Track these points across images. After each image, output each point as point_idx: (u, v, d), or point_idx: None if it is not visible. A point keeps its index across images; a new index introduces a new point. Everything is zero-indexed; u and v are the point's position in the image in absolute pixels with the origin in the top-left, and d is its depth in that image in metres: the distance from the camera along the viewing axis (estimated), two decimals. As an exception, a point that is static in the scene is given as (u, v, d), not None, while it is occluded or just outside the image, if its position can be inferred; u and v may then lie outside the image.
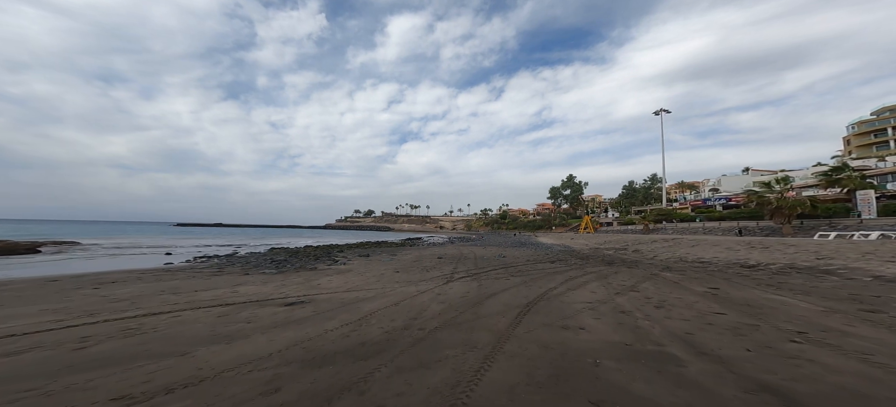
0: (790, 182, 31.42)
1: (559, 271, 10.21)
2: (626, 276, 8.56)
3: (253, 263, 13.19)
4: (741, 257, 9.58)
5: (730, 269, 8.65)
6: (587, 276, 9.03)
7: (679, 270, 8.87)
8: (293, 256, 16.26)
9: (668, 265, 10.20)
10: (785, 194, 29.29)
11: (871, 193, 30.19)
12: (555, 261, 13.43)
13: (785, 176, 31.82)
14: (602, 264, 11.58)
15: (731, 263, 9.09)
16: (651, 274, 8.53)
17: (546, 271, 10.28)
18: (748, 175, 60.92)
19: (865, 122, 55.82)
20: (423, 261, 14.91)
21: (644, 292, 6.39)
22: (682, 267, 9.54)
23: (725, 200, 49.14)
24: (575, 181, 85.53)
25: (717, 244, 12.89)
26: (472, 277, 9.35)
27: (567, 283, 7.91)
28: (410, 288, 7.68)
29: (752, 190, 32.17)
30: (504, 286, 7.69)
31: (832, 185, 33.90)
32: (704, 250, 11.86)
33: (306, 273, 10.58)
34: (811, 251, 9.21)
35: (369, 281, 8.85)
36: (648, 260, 11.94)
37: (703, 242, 13.79)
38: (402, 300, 6.18)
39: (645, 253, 14.05)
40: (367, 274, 10.43)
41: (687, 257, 11.06)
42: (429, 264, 13.36)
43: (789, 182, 31.22)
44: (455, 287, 7.76)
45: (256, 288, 7.49)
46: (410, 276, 10.05)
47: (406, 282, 8.74)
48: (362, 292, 6.99)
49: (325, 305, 5.62)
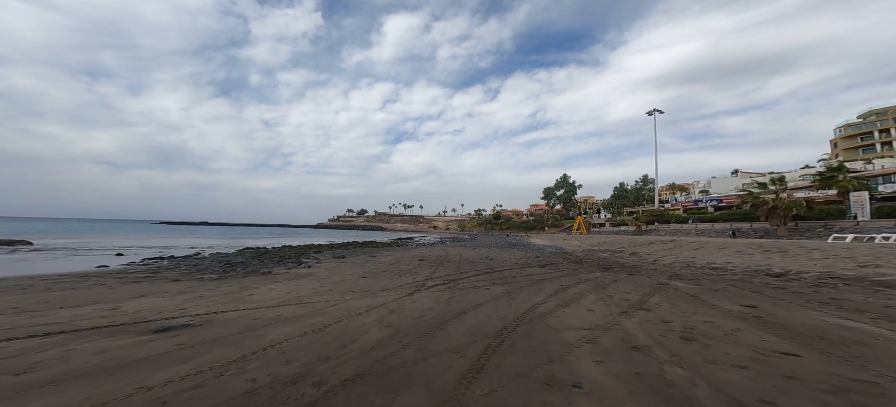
0: (785, 183, 30.42)
1: (549, 278, 8.60)
2: (629, 285, 6.96)
3: (201, 267, 11.33)
4: (760, 263, 8.09)
5: (753, 277, 7.12)
6: (582, 285, 7.42)
7: (691, 279, 7.30)
8: (257, 258, 14.40)
9: (674, 272, 8.65)
10: (780, 195, 28.22)
11: (866, 195, 29.31)
12: (545, 265, 11.83)
13: (781, 176, 30.84)
14: (598, 269, 10.00)
15: (751, 270, 7.58)
16: (659, 284, 6.95)
17: (534, 278, 8.67)
18: (737, 177, 60.46)
19: (852, 126, 55.71)
20: (401, 263, 13.20)
21: (658, 311, 4.78)
22: (693, 274, 7.99)
23: (717, 202, 48.32)
24: (569, 182, 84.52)
25: (723, 247, 11.44)
26: (447, 286, 7.68)
27: (558, 295, 6.28)
28: (362, 301, 5.98)
29: (748, 191, 31.08)
30: (480, 299, 6.04)
31: (826, 187, 33.02)
32: (712, 254, 10.38)
33: (253, 279, 8.81)
34: (843, 256, 7.79)
35: (319, 290, 7.12)
36: (649, 265, 10.40)
37: (707, 245, 12.34)
38: (334, 321, 4.49)
39: (643, 256, 12.52)
40: (325, 280, 8.70)
41: (694, 262, 9.53)
42: (405, 267, 11.67)
43: (784, 183, 30.23)
44: (419, 300, 6.09)
45: (161, 301, 5.72)
46: (376, 282, 8.35)
47: (363, 292, 7.04)
48: (293, 308, 5.27)
49: (214, 332, 3.89)
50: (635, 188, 71.05)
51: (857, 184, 30.13)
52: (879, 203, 28.80)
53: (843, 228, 19.95)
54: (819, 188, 35.10)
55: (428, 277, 9.18)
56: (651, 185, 67.57)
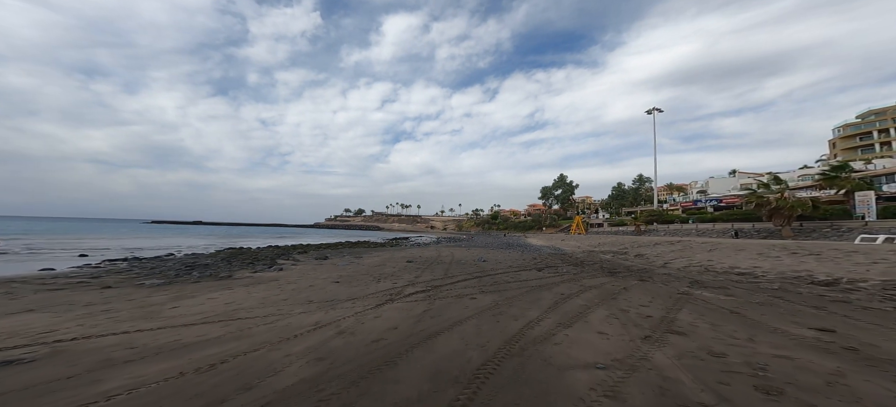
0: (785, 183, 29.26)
1: (547, 285, 7.30)
2: (643, 294, 5.67)
3: (157, 270, 9.97)
4: (795, 268, 6.75)
5: (795, 286, 5.77)
6: (586, 293, 6.13)
7: (719, 287, 6.00)
8: (228, 260, 13.05)
9: (693, 277, 7.35)
10: (784, 195, 27.02)
11: (872, 195, 28.14)
12: (543, 268, 10.53)
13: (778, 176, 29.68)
14: (603, 274, 8.70)
15: (787, 277, 6.23)
16: (680, 293, 5.65)
17: (529, 285, 7.36)
18: (735, 177, 59.47)
19: (851, 126, 54.78)
20: (386, 265, 11.87)
21: (696, 335, 3.49)
22: (718, 281, 6.70)
23: (716, 202, 47.20)
24: (566, 181, 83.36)
25: (741, 249, 10.15)
26: (427, 295, 6.37)
27: (558, 308, 4.98)
28: (312, 316, 4.67)
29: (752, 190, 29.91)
30: (461, 314, 4.74)
31: (830, 187, 31.88)
32: (730, 256, 9.07)
33: (202, 285, 7.47)
34: (893, 261, 6.52)
35: (268, 301, 5.80)
36: (660, 268, 9.11)
37: (721, 246, 11.02)
38: (249, 351, 3.17)
39: (651, 259, 11.23)
40: (286, 287, 7.37)
41: (713, 266, 8.22)
42: (389, 270, 10.34)
43: (786, 182, 29.05)
44: (386, 315, 4.79)
45: (44, 318, 4.38)
46: (346, 289, 7.05)
47: (323, 302, 5.73)
48: (212, 327, 3.95)
49: (43, 371, 2.56)
50: (633, 188, 69.97)
51: (862, 183, 29.03)
52: (885, 203, 27.65)
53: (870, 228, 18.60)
54: (821, 188, 33.95)
55: (409, 282, 7.88)
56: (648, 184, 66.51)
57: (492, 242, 34.38)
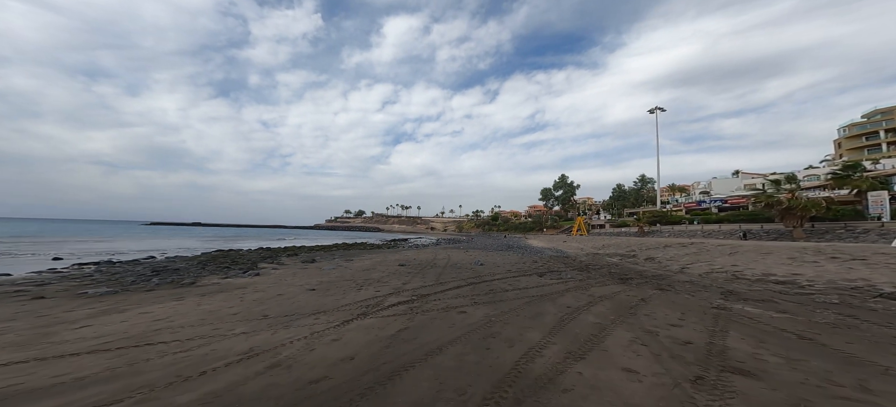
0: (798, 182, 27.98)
1: (550, 294, 6.21)
2: (669, 308, 4.57)
3: (120, 276, 8.96)
4: (845, 276, 5.48)
5: (862, 300, 4.57)
6: (597, 306, 5.04)
7: (763, 301, 4.86)
8: (204, 264, 12.04)
9: (723, 286, 6.21)
10: (795, 195, 25.75)
11: (885, 195, 26.82)
12: (544, 273, 9.43)
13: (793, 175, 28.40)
14: (613, 280, 7.59)
15: (841, 287, 4.93)
16: (715, 307, 4.54)
17: (529, 294, 6.28)
18: (738, 178, 58.09)
19: (857, 125, 53.34)
20: (375, 270, 10.81)
21: (768, 375, 2.42)
22: (759, 292, 5.56)
23: (721, 202, 45.88)
24: (567, 182, 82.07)
25: (768, 252, 8.90)
26: (409, 307, 5.32)
27: (564, 328, 3.91)
28: (253, 339, 3.63)
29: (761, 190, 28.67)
30: (442, 338, 3.67)
31: (840, 187, 30.57)
32: (759, 262, 7.80)
33: (156, 293, 6.43)
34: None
35: (211, 317, 4.75)
36: (676, 274, 8.00)
37: (743, 249, 9.80)
38: (111, 402, 2.11)
39: (664, 262, 10.09)
40: (249, 297, 6.32)
41: (742, 273, 7.00)
42: (376, 275, 9.28)
43: (798, 182, 27.77)
44: (348, 337, 3.74)
45: None
46: (319, 299, 6.01)
47: (282, 317, 4.68)
48: (97, 359, 2.90)
49: None
50: (634, 189, 68.66)
51: (876, 183, 27.73)
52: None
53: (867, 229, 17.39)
54: (832, 188, 32.62)
55: (394, 290, 6.81)
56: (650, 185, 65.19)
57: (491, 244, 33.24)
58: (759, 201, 27.52)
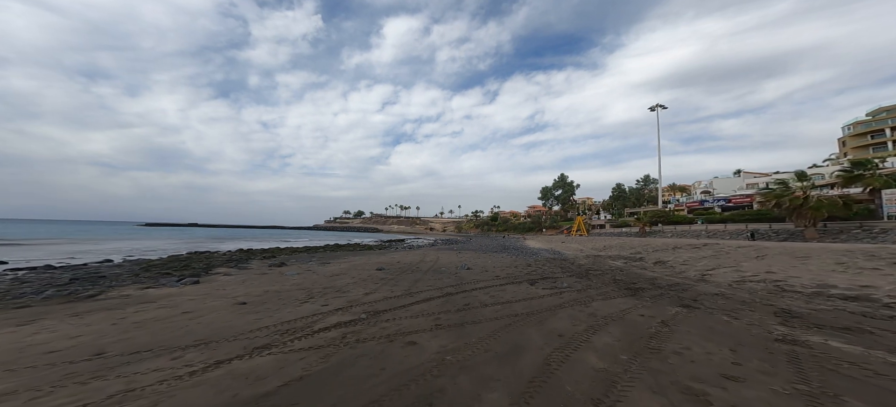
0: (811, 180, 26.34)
1: (537, 312, 4.72)
2: (707, 340, 3.10)
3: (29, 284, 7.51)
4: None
5: None
6: (601, 333, 3.56)
7: (854, 331, 3.34)
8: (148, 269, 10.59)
9: (771, 303, 4.67)
10: (809, 193, 24.09)
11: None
12: (537, 280, 7.92)
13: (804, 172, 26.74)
14: (619, 290, 6.09)
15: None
16: (782, 341, 3.04)
17: (513, 311, 4.78)
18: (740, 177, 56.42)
19: (862, 123, 51.55)
20: (343, 276, 9.35)
21: None
22: (830, 314, 4.00)
23: (725, 202, 44.20)
24: (567, 181, 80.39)
25: (805, 255, 7.32)
26: (347, 332, 3.89)
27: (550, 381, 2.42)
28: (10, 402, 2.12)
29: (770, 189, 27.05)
30: (348, 398, 2.15)
31: (850, 185, 28.88)
32: (798, 267, 6.14)
33: (23, 313, 4.96)
34: None
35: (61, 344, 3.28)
36: (696, 282, 6.47)
37: (771, 252, 8.15)
38: None
39: (676, 267, 8.54)
40: (134, 320, 4.87)
41: (786, 283, 5.39)
42: (341, 283, 7.83)
43: (810, 179, 26.13)
44: (183, 398, 2.22)
45: None
46: (235, 319, 4.58)
47: (137, 352, 3.21)
48: None
49: None
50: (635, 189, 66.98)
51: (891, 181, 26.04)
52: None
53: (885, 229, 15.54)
54: (842, 186, 30.91)
55: (346, 305, 5.36)
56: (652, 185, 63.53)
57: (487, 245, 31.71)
58: (768, 200, 25.89)
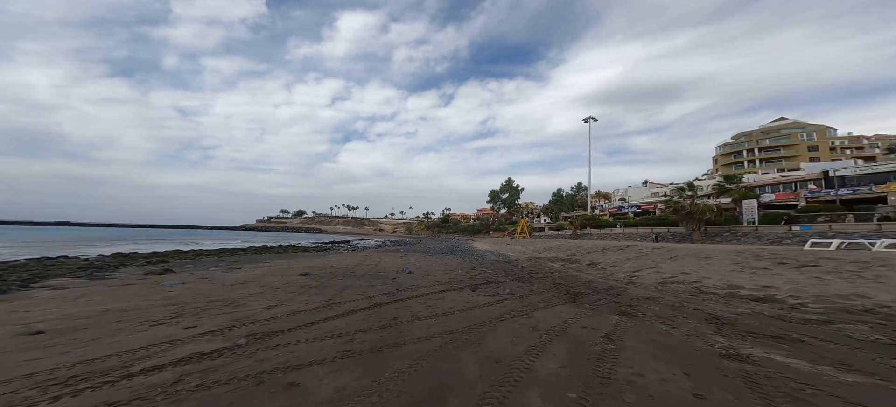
0: (696, 190, 32.11)
1: (476, 326, 3.97)
2: (662, 364, 2.67)
3: None
4: (833, 291, 4.46)
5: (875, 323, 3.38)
6: (545, 355, 2.93)
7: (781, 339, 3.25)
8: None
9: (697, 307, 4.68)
10: (694, 201, 29.27)
11: (755, 202, 32.10)
12: (480, 285, 7.31)
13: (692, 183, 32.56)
14: (560, 296, 5.77)
15: (836, 306, 3.83)
16: (726, 356, 2.75)
17: (446, 328, 3.94)
18: (647, 187, 66.64)
19: (729, 145, 65.40)
20: (250, 285, 7.45)
21: None
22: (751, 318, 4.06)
23: (636, 208, 51.52)
24: (513, 186, 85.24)
25: (707, 256, 8.12)
26: (179, 375, 2.40)
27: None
28: None
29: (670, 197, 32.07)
30: None
31: (722, 195, 35.91)
32: (706, 268, 6.63)
33: None
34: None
35: None
36: (627, 285, 6.57)
37: (682, 254, 9.08)
38: None
39: (608, 269, 8.87)
40: None
41: (702, 284, 5.70)
42: (238, 295, 6.03)
43: (695, 190, 31.87)
44: None
45: None
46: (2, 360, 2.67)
47: None
48: None
49: None
50: (570, 195, 74.24)
51: (748, 192, 33.27)
52: (765, 210, 31.87)
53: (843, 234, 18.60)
54: (716, 197, 38.15)
55: (221, 328, 3.90)
56: (583, 192, 71.06)
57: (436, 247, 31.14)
58: (669, 206, 30.86)
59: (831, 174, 33.12)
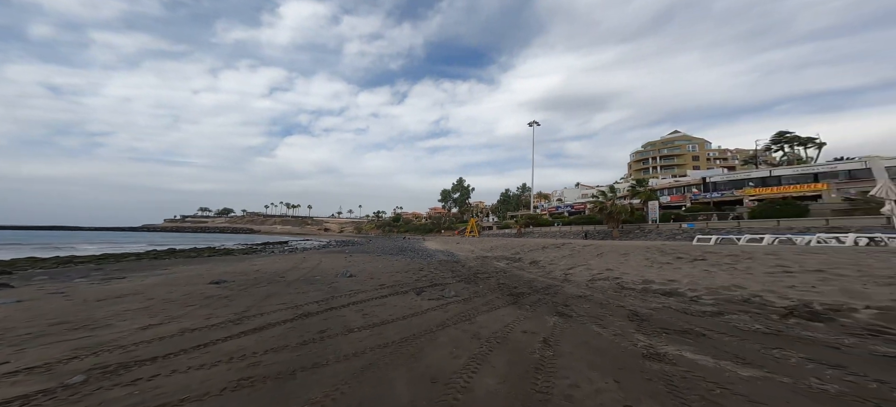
0: (616, 192, 37.15)
1: (414, 337, 3.61)
2: (594, 371, 2.73)
3: None
4: (717, 284, 4.79)
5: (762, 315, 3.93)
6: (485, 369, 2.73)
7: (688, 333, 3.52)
8: None
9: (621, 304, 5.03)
10: (614, 201, 33.81)
11: (656, 204, 38.40)
12: (425, 288, 6.97)
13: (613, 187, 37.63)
14: (503, 297, 5.78)
15: (733, 301, 4.28)
16: (647, 356, 2.92)
17: (382, 340, 3.47)
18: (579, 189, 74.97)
19: (639, 153, 77.31)
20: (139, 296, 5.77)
21: None
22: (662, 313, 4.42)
23: (570, 208, 57.42)
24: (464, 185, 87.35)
25: (626, 253, 9.12)
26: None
27: None
28: None
29: (596, 198, 36.35)
30: None
31: (635, 197, 42.13)
32: (624, 264, 7.30)
33: None
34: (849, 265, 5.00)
35: None
36: (563, 283, 6.96)
37: (606, 251, 10.10)
38: None
39: (547, 267, 9.41)
40: None
41: (623, 280, 6.19)
42: (115, 310, 4.51)
43: (615, 192, 36.89)
44: None
45: None
46: None
47: None
48: None
49: None
50: (515, 195, 79.23)
51: (652, 194, 39.80)
52: (664, 210, 38.44)
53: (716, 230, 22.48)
54: (630, 198, 44.56)
55: (49, 362, 2.69)
56: (527, 192, 76.49)
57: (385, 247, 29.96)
58: (595, 207, 35.18)
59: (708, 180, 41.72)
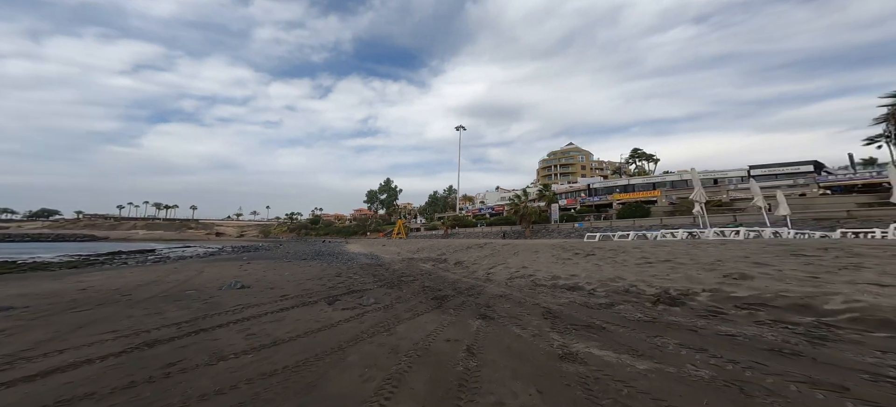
0: (528, 195, 42.24)
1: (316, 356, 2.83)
2: (514, 379, 2.59)
3: None
4: (606, 276, 5.74)
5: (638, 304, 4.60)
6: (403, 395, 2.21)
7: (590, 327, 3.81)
8: None
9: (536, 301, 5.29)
10: (526, 204, 38.38)
11: (557, 206, 45.25)
12: (339, 296, 6.01)
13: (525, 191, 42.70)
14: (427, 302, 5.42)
15: (618, 291, 4.96)
16: (562, 356, 2.98)
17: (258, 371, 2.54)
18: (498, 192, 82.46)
19: (544, 161, 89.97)
20: None
21: None
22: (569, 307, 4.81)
23: (491, 210, 62.45)
24: (392, 186, 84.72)
25: (536, 250, 10.20)
26: None
27: None
28: None
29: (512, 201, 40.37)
30: None
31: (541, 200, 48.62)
32: (535, 261, 8.10)
33: None
34: (709, 261, 5.75)
35: None
36: (485, 283, 7.09)
37: (520, 249, 10.92)
38: None
39: (471, 267, 9.57)
40: None
41: (536, 277, 6.71)
42: None
43: (528, 195, 41.96)
44: None
45: None
46: None
47: None
48: None
49: None
50: (442, 197, 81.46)
51: (553, 197, 46.84)
52: (562, 212, 45.65)
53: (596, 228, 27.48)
54: (538, 201, 51.13)
55: None
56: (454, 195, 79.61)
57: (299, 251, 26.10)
58: (511, 209, 39.26)
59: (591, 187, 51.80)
